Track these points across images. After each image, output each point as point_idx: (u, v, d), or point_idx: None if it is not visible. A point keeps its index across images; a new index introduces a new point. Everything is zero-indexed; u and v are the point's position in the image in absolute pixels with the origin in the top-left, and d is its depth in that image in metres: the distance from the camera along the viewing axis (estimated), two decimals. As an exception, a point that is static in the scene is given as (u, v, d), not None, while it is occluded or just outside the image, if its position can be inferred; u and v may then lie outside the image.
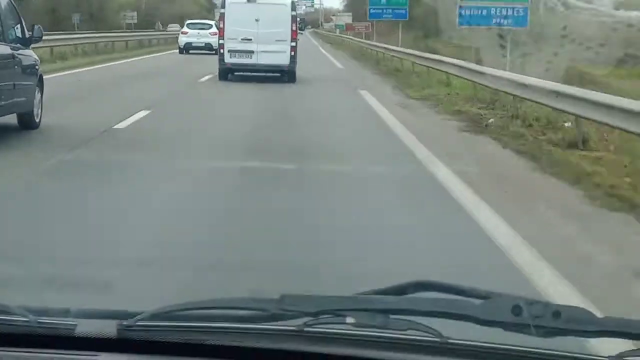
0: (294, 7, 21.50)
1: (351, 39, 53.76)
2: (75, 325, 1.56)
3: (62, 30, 34.39)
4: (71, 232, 5.38)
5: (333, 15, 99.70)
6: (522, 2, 21.09)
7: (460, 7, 21.97)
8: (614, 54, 17.81)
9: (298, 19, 23.40)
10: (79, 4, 52.32)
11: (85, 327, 1.56)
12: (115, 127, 10.96)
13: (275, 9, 20.96)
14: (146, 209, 6.18)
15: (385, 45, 33.45)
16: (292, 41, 20.91)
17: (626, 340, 1.52)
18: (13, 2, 11.00)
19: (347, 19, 67.05)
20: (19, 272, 4.40)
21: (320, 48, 53.57)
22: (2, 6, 10.47)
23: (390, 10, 36.62)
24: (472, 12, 21.72)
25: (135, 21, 59.21)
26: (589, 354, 1.54)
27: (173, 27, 68.23)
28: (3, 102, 9.81)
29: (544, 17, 22.48)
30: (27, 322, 1.56)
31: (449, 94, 17.43)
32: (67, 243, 5.10)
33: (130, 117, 11.93)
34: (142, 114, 12.53)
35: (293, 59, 20.89)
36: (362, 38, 49.41)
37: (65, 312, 1.61)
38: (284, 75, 21.06)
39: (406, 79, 22.83)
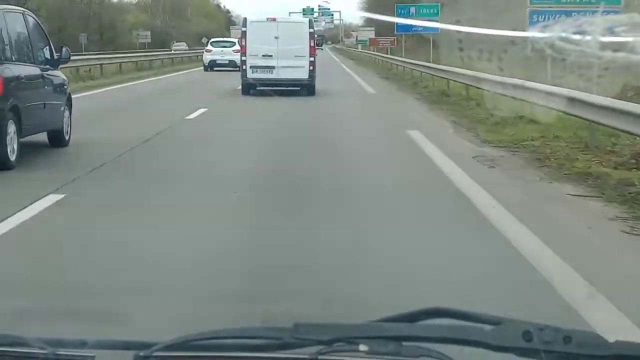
0: (311, 25, 24.23)
1: (375, 54, 53.44)
2: (93, 356, 1.65)
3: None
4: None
5: (353, 31, 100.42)
6: (614, 4, 19.11)
7: (533, 11, 20.18)
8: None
9: (316, 36, 25.80)
10: (89, 23, 52.83)
11: (103, 359, 1.65)
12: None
13: (294, 27, 23.89)
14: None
15: (424, 63, 30.06)
16: (310, 56, 23.39)
17: None
18: (42, 26, 12.26)
19: (369, 33, 67.29)
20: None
21: (343, 65, 52.30)
22: (32, 29, 11.67)
23: (420, 23, 35.96)
24: (546, 18, 19.78)
25: (149, 40, 59.75)
26: None
27: (179, 45, 67.62)
28: (34, 121, 10.93)
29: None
30: (45, 354, 1.64)
31: (543, 137, 12.65)
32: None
33: (29, 208, 7.45)
34: (51, 199, 7.85)
35: (312, 73, 23.45)
36: (386, 53, 49.50)
37: (82, 344, 1.71)
38: (303, 88, 23.41)
39: (464, 109, 18.51)
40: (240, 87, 24.48)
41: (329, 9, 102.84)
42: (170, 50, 60.11)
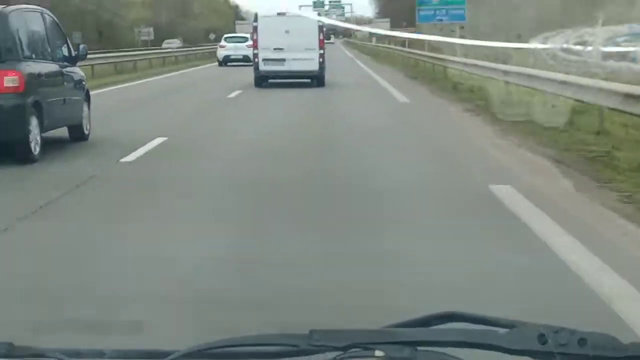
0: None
1: (394, 48, 52.32)
2: None
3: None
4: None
5: (366, 24, 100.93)
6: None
7: None
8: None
9: (324, 29, 27.89)
10: (84, 20, 52.84)
11: None
12: None
13: (303, 21, 26.26)
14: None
15: (466, 60, 25.82)
16: (320, 49, 25.80)
17: None
18: (59, 24, 13.43)
19: (384, 25, 67.33)
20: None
21: (359, 62, 49.61)
22: (49, 28, 12.85)
23: (444, 11, 35.13)
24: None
25: (152, 37, 59.89)
26: None
27: (171, 43, 64.60)
28: (55, 116, 12.17)
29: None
30: None
31: None
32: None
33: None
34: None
35: (321, 65, 25.91)
36: (403, 47, 49.35)
37: (99, 354, 1.80)
38: (314, 80, 25.90)
39: (556, 132, 13.00)
40: (236, 93, 24.10)
41: (339, 1, 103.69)
42: (161, 48, 57.68)
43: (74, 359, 1.76)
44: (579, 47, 16.67)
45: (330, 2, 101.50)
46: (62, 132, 13.14)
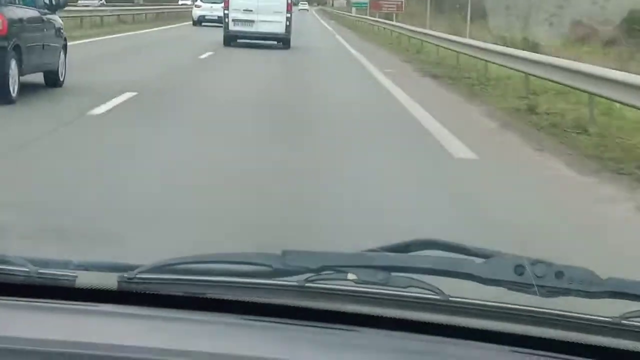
0: None
1: (382, 23, 49.09)
2: (76, 276, 1.87)
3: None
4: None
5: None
6: None
7: None
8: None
9: None
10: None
11: (86, 279, 1.87)
12: None
13: None
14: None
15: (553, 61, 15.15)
16: (287, 13, 29.50)
17: (629, 301, 1.82)
18: None
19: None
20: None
21: (341, 39, 42.54)
22: None
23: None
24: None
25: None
26: (591, 314, 1.81)
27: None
28: (34, 61, 13.54)
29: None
30: (27, 272, 1.85)
31: None
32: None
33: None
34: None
35: (288, 28, 29.61)
36: (389, 20, 48.80)
37: (66, 264, 1.92)
38: (280, 42, 29.62)
39: None
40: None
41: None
42: (76, 4, 48.84)
43: (40, 268, 1.88)
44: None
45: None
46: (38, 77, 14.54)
